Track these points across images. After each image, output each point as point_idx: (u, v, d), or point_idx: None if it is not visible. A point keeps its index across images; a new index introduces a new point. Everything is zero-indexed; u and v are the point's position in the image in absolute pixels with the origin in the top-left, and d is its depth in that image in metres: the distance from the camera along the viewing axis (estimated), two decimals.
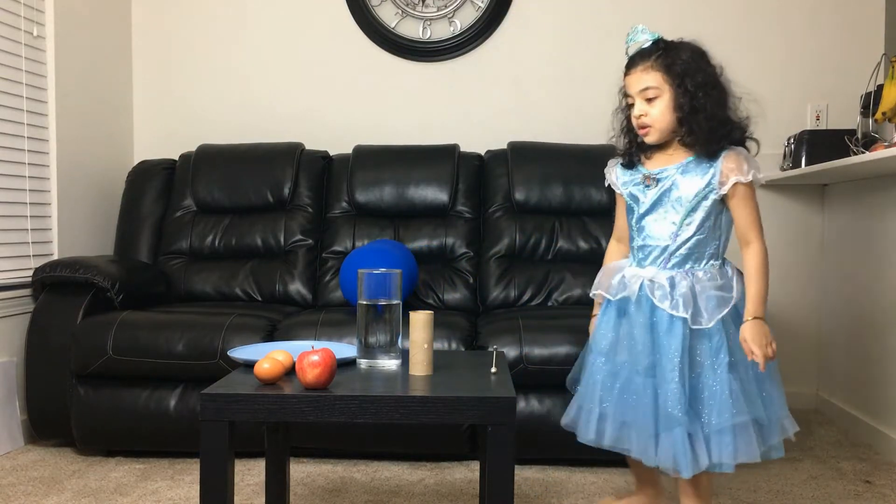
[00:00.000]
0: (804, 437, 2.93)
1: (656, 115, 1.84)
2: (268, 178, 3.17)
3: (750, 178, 1.81)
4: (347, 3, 3.49)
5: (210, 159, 3.22)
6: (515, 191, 3.11)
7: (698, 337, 1.81)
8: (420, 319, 1.64)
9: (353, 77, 3.54)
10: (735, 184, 1.80)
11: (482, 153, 3.29)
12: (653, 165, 1.91)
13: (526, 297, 2.99)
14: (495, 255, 3.06)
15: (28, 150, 2.87)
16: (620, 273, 1.93)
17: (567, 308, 2.88)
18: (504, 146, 3.26)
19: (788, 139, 3.20)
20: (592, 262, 3.04)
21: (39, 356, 2.60)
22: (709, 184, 1.82)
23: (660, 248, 1.87)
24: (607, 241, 2.99)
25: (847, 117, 3.26)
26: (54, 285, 2.69)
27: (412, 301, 2.95)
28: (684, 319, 1.79)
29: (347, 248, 3.11)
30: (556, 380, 2.48)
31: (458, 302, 3.00)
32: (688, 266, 1.85)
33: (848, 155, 2.76)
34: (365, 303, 1.69)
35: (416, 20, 3.48)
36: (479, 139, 3.39)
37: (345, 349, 1.82)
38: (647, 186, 1.88)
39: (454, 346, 2.50)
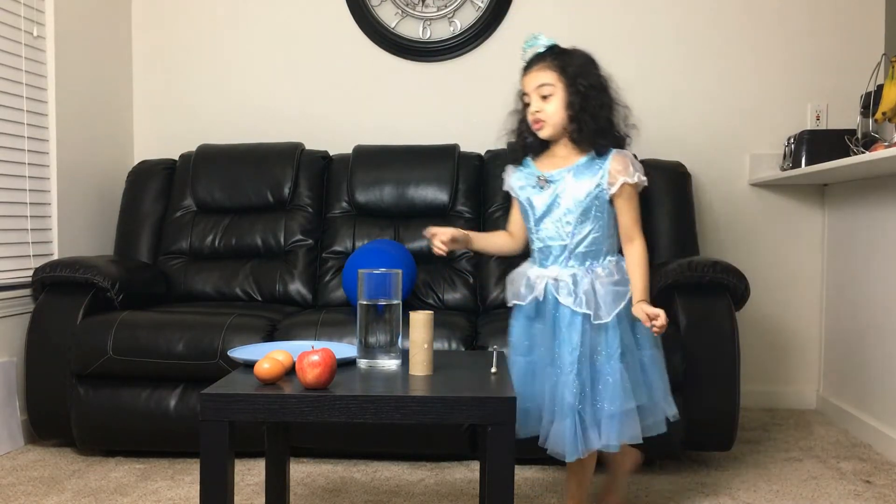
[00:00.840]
0: (804, 437, 2.93)
1: (550, 111, 1.95)
2: (268, 178, 3.17)
3: (636, 179, 1.93)
4: (347, 3, 3.49)
5: (210, 159, 3.22)
6: None
7: (597, 330, 1.92)
8: (420, 319, 1.64)
9: (353, 77, 3.54)
10: (623, 184, 1.93)
11: (482, 153, 3.29)
12: (544, 167, 2.01)
13: None
14: (495, 255, 3.06)
15: (28, 150, 2.87)
16: (525, 277, 2.02)
17: None
18: (504, 146, 3.24)
19: (788, 139, 3.20)
20: None
21: (39, 356, 2.60)
22: (598, 184, 1.93)
23: (559, 247, 1.97)
24: None
25: (847, 117, 3.26)
26: (54, 285, 2.69)
27: (412, 301, 2.95)
28: (586, 315, 1.90)
29: (347, 248, 3.10)
30: None
31: (458, 302, 3.00)
32: (587, 263, 1.96)
33: (848, 155, 2.76)
34: (365, 303, 1.69)
35: (416, 20, 3.48)
36: (479, 139, 3.38)
37: (345, 349, 1.82)
38: (542, 188, 1.98)
39: (454, 346, 2.50)
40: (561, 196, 1.96)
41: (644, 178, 1.96)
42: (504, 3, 3.45)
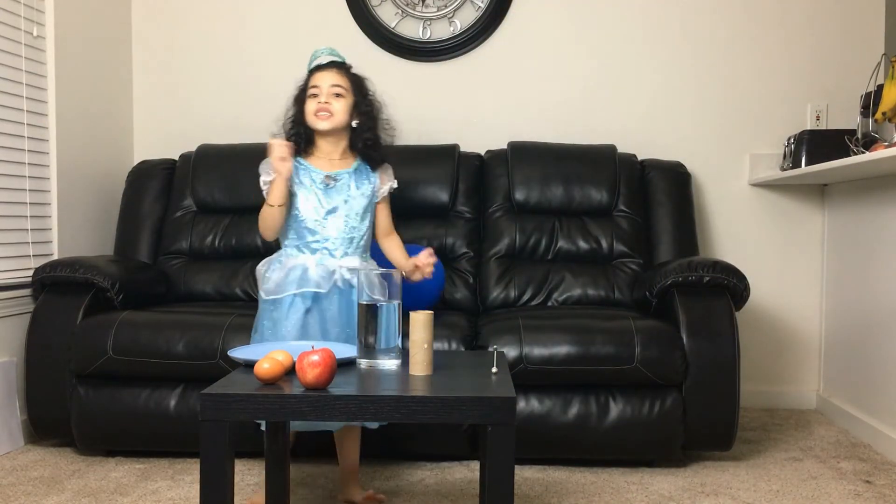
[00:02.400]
0: (804, 437, 2.93)
1: (339, 108, 2.19)
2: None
3: (395, 185, 2.31)
4: (347, 3, 3.49)
5: (210, 159, 3.22)
6: (515, 191, 3.11)
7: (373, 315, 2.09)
8: (420, 319, 1.64)
9: None
10: (388, 190, 2.29)
11: (482, 153, 3.29)
12: (321, 165, 2.22)
13: (526, 297, 2.99)
14: (495, 255, 3.06)
15: (28, 150, 2.87)
16: (302, 268, 2.15)
17: (567, 308, 2.88)
18: (504, 146, 3.26)
19: (788, 139, 3.20)
20: (592, 262, 3.05)
21: (39, 356, 2.60)
22: (373, 189, 2.25)
23: (345, 240, 2.18)
24: (607, 241, 3.05)
25: (847, 117, 3.26)
26: (54, 285, 2.68)
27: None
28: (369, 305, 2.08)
29: None
30: (556, 380, 2.49)
31: (458, 302, 3.00)
32: (364, 255, 2.23)
33: (848, 155, 2.76)
34: (365, 303, 1.69)
35: (416, 20, 3.48)
36: (479, 139, 3.39)
37: (345, 349, 1.82)
38: (328, 186, 2.19)
39: (454, 346, 2.50)
40: (345, 194, 2.20)
41: (395, 186, 2.31)
42: (504, 3, 3.45)
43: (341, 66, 2.26)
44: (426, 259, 2.21)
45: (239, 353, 1.76)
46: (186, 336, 2.51)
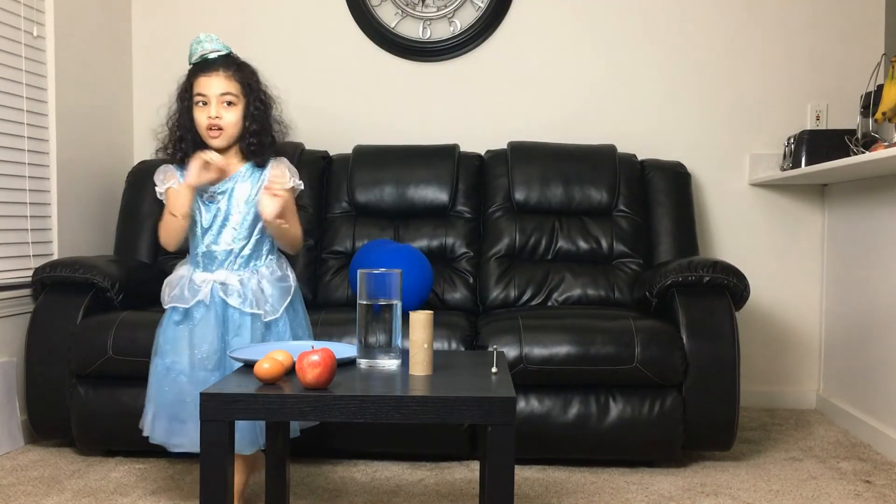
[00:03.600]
0: (804, 437, 2.93)
1: (232, 120, 2.01)
2: None
3: (292, 183, 2.07)
4: (347, 3, 3.49)
5: None
6: (515, 191, 3.11)
7: (268, 326, 2.04)
8: (420, 319, 1.64)
9: (353, 77, 3.53)
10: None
11: (482, 153, 3.29)
12: None
13: (526, 297, 2.99)
14: (495, 255, 3.06)
15: (28, 150, 2.87)
16: (186, 280, 2.05)
17: (567, 308, 2.88)
18: (504, 146, 3.26)
19: (788, 139, 3.20)
20: (592, 262, 3.05)
21: (39, 356, 2.60)
22: (259, 190, 2.03)
23: (226, 252, 2.04)
24: (607, 241, 3.05)
25: (847, 117, 3.26)
26: (54, 285, 2.68)
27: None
28: (255, 315, 2.01)
29: (347, 249, 3.10)
30: (556, 380, 2.49)
31: (458, 302, 3.00)
32: (251, 265, 2.05)
33: (848, 155, 2.76)
34: (365, 303, 1.69)
35: (416, 20, 3.48)
36: (479, 139, 3.39)
37: (345, 349, 1.82)
38: (211, 202, 2.04)
39: (454, 346, 2.50)
40: (231, 208, 2.03)
41: (300, 183, 2.10)
42: (504, 3, 3.45)
43: (229, 65, 2.02)
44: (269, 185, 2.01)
45: (239, 353, 1.76)
46: None
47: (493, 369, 1.67)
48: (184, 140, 2.05)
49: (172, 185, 2.04)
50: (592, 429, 2.48)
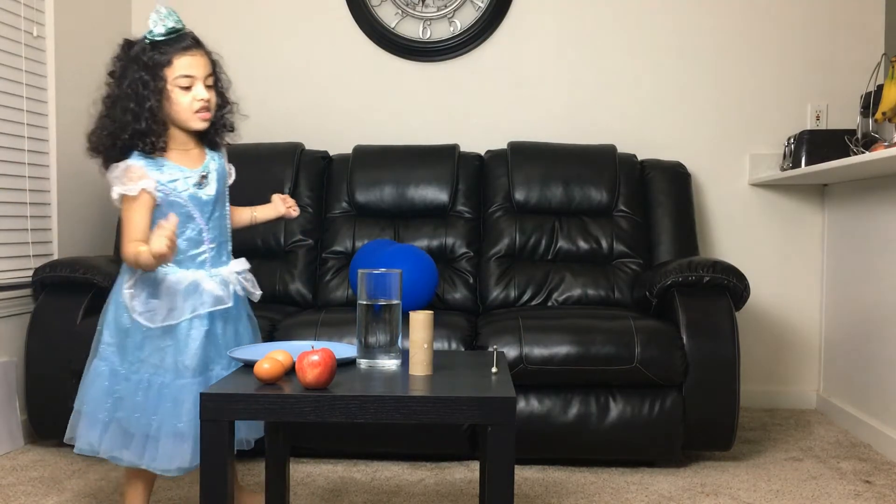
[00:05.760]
0: (804, 437, 2.93)
1: (214, 101, 1.90)
2: (268, 178, 3.16)
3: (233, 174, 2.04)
4: (347, 3, 3.49)
5: None
6: (515, 191, 3.11)
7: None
8: (420, 319, 1.64)
9: (353, 77, 3.53)
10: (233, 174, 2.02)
11: (482, 153, 3.29)
12: (179, 161, 1.89)
13: (526, 297, 2.98)
14: (495, 255, 3.06)
15: (28, 151, 2.87)
16: (198, 285, 1.86)
17: (567, 308, 2.88)
18: (504, 146, 3.26)
19: (788, 139, 3.20)
20: (592, 262, 3.05)
21: (39, 356, 2.60)
22: (226, 177, 1.99)
23: (225, 243, 1.97)
24: (607, 241, 3.05)
25: (847, 117, 3.26)
26: (54, 285, 2.68)
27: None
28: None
29: (347, 249, 3.10)
30: (556, 380, 2.49)
31: (458, 302, 3.00)
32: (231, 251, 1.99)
33: (848, 155, 2.76)
34: (365, 303, 1.69)
35: (416, 20, 3.48)
36: (479, 139, 3.39)
37: (345, 349, 1.82)
38: (201, 185, 1.90)
39: (454, 346, 2.50)
40: (218, 192, 1.93)
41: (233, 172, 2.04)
42: (504, 3, 3.45)
43: (201, 46, 1.90)
44: (282, 197, 2.13)
45: (239, 353, 1.76)
46: None
47: (493, 369, 1.67)
48: (152, 132, 1.82)
49: (145, 185, 1.81)
50: (592, 429, 2.48)
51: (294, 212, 2.15)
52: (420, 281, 2.66)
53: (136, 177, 1.83)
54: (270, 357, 1.55)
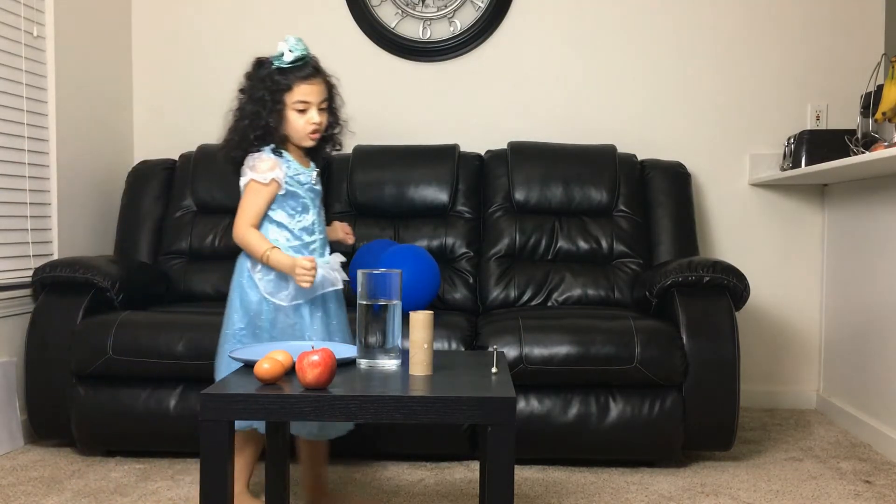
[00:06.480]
0: (804, 437, 2.93)
1: (325, 123, 2.11)
2: None
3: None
4: (347, 3, 3.49)
5: (210, 159, 3.20)
6: (515, 191, 3.11)
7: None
8: (420, 319, 1.64)
9: (352, 77, 3.52)
10: None
11: (482, 153, 3.29)
12: (299, 161, 2.12)
13: (526, 297, 2.99)
14: (495, 255, 3.06)
15: (28, 150, 2.87)
16: (318, 268, 2.06)
17: (567, 308, 2.88)
18: (504, 146, 3.26)
19: (788, 139, 3.20)
20: (592, 262, 3.05)
21: (39, 356, 2.60)
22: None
23: (325, 237, 2.17)
24: (607, 241, 3.06)
25: (847, 117, 3.26)
26: (54, 285, 2.68)
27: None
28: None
29: (347, 249, 3.10)
30: (556, 380, 2.49)
31: (458, 302, 3.00)
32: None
33: (848, 155, 2.76)
34: (365, 303, 1.69)
35: (416, 20, 3.48)
36: (479, 139, 3.39)
37: (345, 349, 1.82)
38: (317, 182, 2.16)
39: (454, 346, 2.50)
40: (322, 191, 2.20)
41: None
42: (504, 3, 3.45)
43: (320, 70, 2.11)
44: (342, 225, 2.34)
45: (239, 353, 1.76)
46: (186, 336, 2.51)
47: (493, 369, 1.67)
48: (265, 136, 2.07)
49: (276, 175, 2.05)
50: (592, 429, 2.48)
51: (350, 239, 2.35)
52: (423, 282, 2.66)
53: (267, 168, 2.05)
54: (270, 357, 1.55)
